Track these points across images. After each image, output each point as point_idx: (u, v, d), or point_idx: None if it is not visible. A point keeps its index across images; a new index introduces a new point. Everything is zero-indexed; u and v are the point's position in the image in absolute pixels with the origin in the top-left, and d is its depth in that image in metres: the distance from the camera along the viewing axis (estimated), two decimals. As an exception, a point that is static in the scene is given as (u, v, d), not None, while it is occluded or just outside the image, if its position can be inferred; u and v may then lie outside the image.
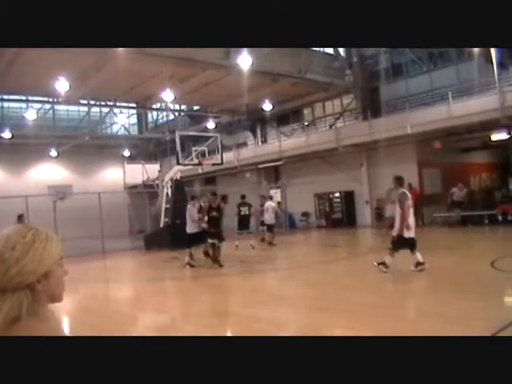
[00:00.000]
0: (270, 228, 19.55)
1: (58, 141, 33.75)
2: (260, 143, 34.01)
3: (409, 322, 6.32)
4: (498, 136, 23.31)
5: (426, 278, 9.55)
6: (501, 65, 22.20)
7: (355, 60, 28.15)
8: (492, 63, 21.73)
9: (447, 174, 24.65)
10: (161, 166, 29.71)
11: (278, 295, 8.29)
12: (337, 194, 27.95)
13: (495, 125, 20.96)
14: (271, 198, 21.05)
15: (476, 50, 22.39)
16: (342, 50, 28.20)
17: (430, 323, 6.11)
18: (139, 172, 30.52)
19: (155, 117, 41.45)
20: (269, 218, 19.45)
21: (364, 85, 28.03)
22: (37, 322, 1.46)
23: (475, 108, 20.23)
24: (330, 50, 27.61)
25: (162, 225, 22.03)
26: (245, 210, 18.02)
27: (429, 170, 24.68)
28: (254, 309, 7.88)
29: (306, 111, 32.19)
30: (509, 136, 22.12)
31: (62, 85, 20.99)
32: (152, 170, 29.12)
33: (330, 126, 29.00)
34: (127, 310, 8.87)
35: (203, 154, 22.36)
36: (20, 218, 12.71)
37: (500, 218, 20.61)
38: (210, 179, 34.18)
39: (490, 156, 28.95)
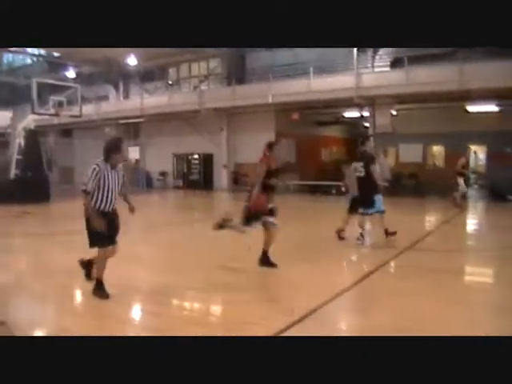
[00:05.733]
0: None
1: None
2: (122, 98, 33.16)
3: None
4: (351, 114, 24.93)
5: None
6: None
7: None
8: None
9: (302, 145, 26.00)
10: (14, 113, 27.89)
11: (130, 257, 8.38)
12: (196, 156, 28.24)
13: (349, 103, 22.37)
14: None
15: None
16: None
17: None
18: (-12, 118, 28.35)
19: (10, 59, 38.76)
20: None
21: (231, 51, 28.22)
22: None
23: (333, 85, 21.47)
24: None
25: (12, 176, 20.87)
26: None
27: (285, 139, 25.74)
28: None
29: (171, 70, 31.85)
30: (359, 114, 23.73)
31: None
32: (3, 116, 27.23)
33: (194, 88, 29.04)
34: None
35: (61, 104, 21.44)
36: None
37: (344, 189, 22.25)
38: (66, 131, 32.86)
39: (341, 131, 30.86)
